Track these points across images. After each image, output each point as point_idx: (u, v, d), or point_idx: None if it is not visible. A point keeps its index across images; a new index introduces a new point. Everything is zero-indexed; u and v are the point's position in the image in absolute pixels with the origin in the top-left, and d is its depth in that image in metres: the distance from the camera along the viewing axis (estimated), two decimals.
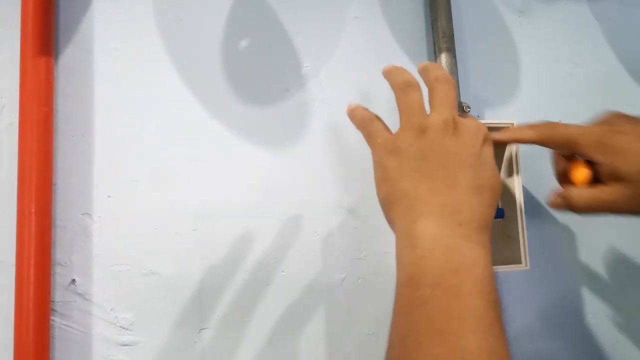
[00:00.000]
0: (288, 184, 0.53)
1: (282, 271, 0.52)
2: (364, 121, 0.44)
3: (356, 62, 0.57)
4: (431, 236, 0.35)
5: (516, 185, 0.49)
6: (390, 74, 0.43)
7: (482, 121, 0.54)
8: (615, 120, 0.43)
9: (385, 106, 0.49)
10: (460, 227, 0.36)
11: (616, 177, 0.41)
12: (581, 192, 0.43)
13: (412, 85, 0.41)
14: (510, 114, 0.59)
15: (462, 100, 0.55)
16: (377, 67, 0.56)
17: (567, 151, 0.45)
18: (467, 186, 0.37)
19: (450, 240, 0.35)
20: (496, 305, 0.33)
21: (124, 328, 0.48)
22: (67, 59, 0.51)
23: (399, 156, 0.39)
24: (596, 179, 0.43)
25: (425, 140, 0.39)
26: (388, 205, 0.39)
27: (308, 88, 0.55)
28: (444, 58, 0.55)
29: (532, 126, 0.46)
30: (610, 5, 0.65)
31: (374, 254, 0.54)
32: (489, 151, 0.40)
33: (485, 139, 0.40)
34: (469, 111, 0.54)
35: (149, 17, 0.53)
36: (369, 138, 0.43)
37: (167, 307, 0.49)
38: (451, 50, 0.56)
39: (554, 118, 0.59)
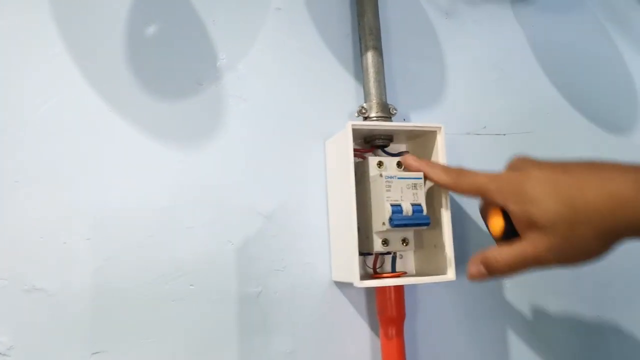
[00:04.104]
0: (199, 187, 0.49)
1: (191, 285, 0.47)
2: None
3: (277, 56, 0.53)
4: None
5: (443, 193, 0.47)
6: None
7: (409, 124, 0.52)
8: (523, 165, 0.42)
9: (303, 106, 0.45)
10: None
11: (532, 226, 0.39)
12: (500, 253, 0.41)
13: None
14: (435, 117, 0.57)
15: (389, 102, 0.52)
16: (299, 62, 0.54)
17: (479, 197, 0.45)
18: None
19: None
20: None
21: (0, 353, 0.41)
22: None
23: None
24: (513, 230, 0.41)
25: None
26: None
27: (224, 82, 0.51)
28: (370, 57, 0.52)
29: (445, 169, 0.46)
30: (533, 11, 0.65)
31: (294, 265, 0.50)
32: None
33: None
34: (396, 113, 0.51)
35: None
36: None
37: (53, 329, 0.43)
38: (378, 49, 0.53)
39: (480, 123, 0.58)
